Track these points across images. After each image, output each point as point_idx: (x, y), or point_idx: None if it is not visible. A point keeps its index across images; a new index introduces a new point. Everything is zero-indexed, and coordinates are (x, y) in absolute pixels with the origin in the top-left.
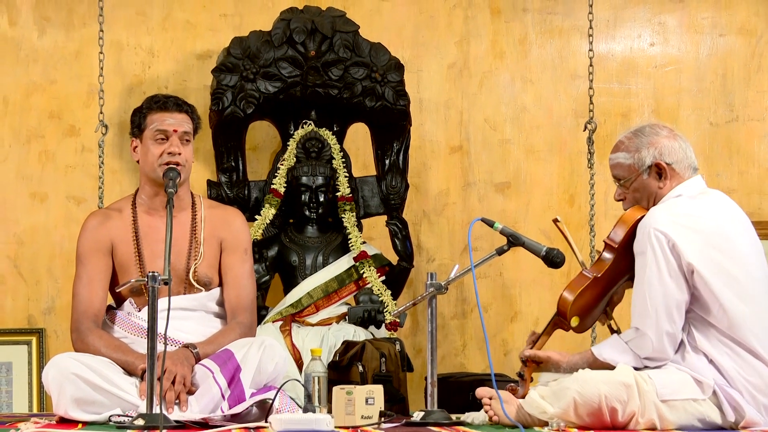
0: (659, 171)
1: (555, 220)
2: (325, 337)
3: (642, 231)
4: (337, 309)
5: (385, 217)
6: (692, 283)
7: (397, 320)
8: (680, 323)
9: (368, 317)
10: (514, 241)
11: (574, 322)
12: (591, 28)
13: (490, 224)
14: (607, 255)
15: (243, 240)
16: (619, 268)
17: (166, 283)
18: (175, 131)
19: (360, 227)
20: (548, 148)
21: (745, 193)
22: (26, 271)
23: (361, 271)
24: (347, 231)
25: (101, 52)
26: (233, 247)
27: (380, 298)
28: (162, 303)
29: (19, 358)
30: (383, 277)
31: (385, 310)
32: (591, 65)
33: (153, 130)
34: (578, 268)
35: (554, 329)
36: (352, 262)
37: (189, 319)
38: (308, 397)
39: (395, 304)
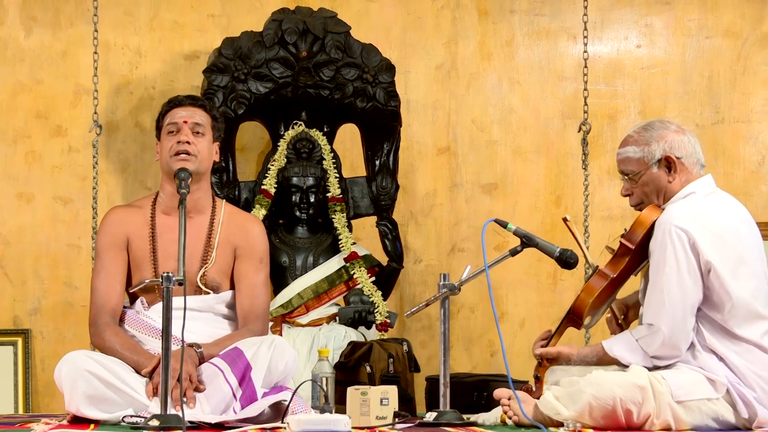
0: (669, 165)
1: (564, 219)
2: (316, 338)
3: (661, 228)
4: (327, 310)
5: (373, 218)
6: (707, 283)
7: (388, 321)
8: (692, 321)
9: (359, 318)
10: (527, 242)
11: (587, 320)
12: (586, 29)
13: (504, 225)
14: (624, 255)
15: (259, 249)
16: (631, 267)
17: (180, 284)
18: (185, 122)
19: (350, 228)
20: (535, 150)
21: (731, 194)
22: (12, 272)
23: (352, 272)
24: (337, 232)
25: (95, 52)
26: (248, 255)
27: (371, 299)
28: (174, 302)
29: (5, 359)
30: (373, 278)
31: (375, 311)
32: (586, 66)
33: (166, 124)
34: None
35: (566, 328)
36: (343, 263)
37: (196, 319)
38: (325, 397)
39: (385, 304)
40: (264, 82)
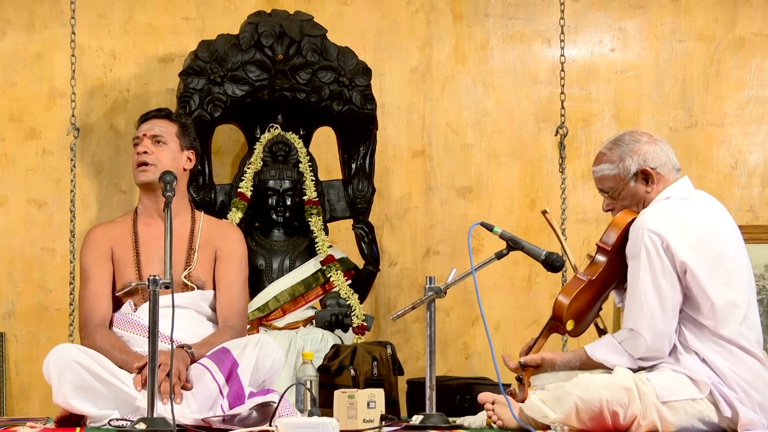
0: (646, 177)
1: (544, 212)
2: (293, 341)
3: (635, 232)
4: (303, 313)
5: (349, 221)
6: (685, 283)
7: (364, 324)
8: (674, 322)
9: (335, 321)
10: (513, 245)
11: (570, 325)
12: (563, 33)
13: (490, 228)
14: (600, 258)
15: (237, 251)
16: (612, 271)
17: (167, 287)
18: (144, 135)
19: (326, 231)
20: (510, 153)
21: None
22: None
23: (328, 275)
24: (314, 235)
25: (73, 55)
26: (227, 257)
27: (347, 302)
28: (160, 301)
29: None
30: (349, 281)
31: (352, 314)
32: (563, 70)
33: (133, 139)
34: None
35: (550, 333)
36: (319, 266)
37: (181, 318)
38: (313, 400)
39: (362, 307)
40: (240, 85)
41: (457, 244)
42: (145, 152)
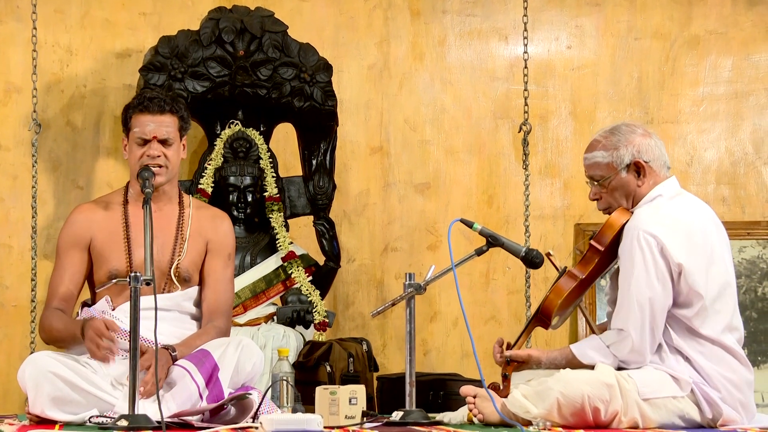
0: (638, 169)
1: (548, 254)
2: (254, 338)
3: (630, 233)
4: (264, 309)
5: (310, 218)
6: (677, 286)
7: (326, 320)
8: (662, 327)
9: (297, 317)
10: (493, 241)
11: (555, 320)
12: (526, 30)
13: (470, 225)
14: (593, 257)
15: (228, 245)
16: (600, 268)
17: (148, 284)
18: (154, 137)
19: (287, 227)
20: (467, 149)
21: None
22: None
23: (289, 272)
24: (275, 231)
25: (34, 50)
26: (217, 251)
27: (309, 298)
28: (141, 302)
29: None
30: (310, 278)
31: (314, 310)
32: (526, 67)
33: (135, 134)
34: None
35: (534, 328)
36: (280, 262)
37: (162, 320)
38: (296, 397)
39: (323, 304)
40: (201, 81)
41: (415, 240)
42: (158, 156)
